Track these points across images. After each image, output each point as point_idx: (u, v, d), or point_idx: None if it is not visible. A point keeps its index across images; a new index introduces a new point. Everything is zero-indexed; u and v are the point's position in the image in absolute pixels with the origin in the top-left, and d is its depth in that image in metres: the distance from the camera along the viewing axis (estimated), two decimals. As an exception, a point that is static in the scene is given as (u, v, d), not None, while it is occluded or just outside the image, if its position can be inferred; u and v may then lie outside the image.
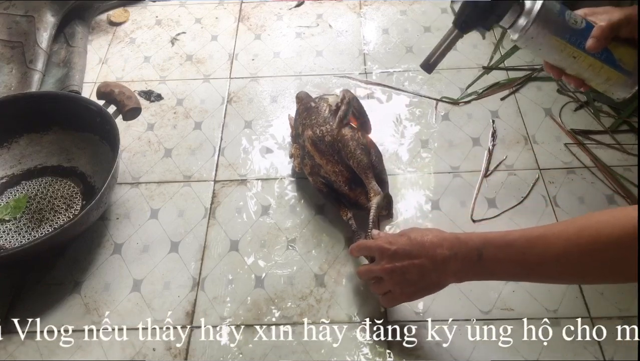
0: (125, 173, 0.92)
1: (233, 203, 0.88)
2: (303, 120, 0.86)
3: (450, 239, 0.61)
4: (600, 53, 0.60)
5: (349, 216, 0.80)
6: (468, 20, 0.62)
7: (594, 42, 0.58)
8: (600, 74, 0.61)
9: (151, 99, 1.04)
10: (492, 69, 1.04)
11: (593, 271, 0.54)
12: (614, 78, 0.61)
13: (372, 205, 0.76)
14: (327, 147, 0.81)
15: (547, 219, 0.82)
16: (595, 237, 0.52)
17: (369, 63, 1.08)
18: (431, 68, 0.67)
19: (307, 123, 0.84)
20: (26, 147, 0.91)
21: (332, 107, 0.85)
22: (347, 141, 0.80)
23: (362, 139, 0.82)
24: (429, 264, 0.61)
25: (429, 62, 0.67)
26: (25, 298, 0.78)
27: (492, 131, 0.94)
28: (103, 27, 1.20)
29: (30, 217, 0.86)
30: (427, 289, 0.64)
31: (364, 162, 0.78)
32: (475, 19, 0.62)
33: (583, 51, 0.60)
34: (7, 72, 1.02)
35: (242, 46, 1.13)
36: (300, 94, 0.91)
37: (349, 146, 0.79)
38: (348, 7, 1.21)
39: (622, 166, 0.87)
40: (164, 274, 0.80)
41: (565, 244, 0.54)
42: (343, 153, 0.80)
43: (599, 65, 0.61)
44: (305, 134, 0.83)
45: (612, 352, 0.69)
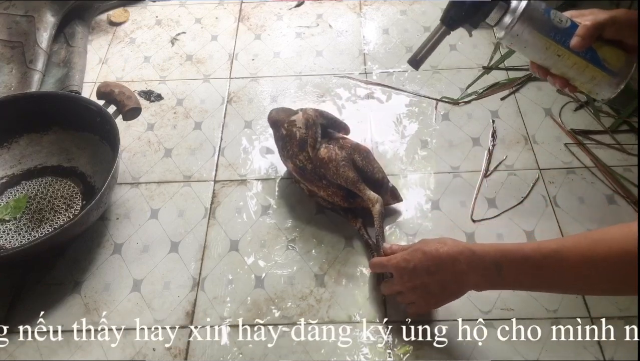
0: (125, 173, 0.92)
1: (233, 203, 0.88)
2: (282, 150, 0.84)
3: (466, 253, 0.62)
4: (585, 52, 0.61)
5: (358, 226, 0.81)
6: (455, 18, 0.64)
7: (578, 41, 0.59)
8: (584, 73, 0.62)
9: (151, 99, 1.04)
10: (492, 69, 1.04)
11: (607, 284, 0.55)
12: (599, 77, 0.62)
13: (375, 216, 0.76)
14: (311, 175, 0.80)
15: (547, 219, 0.82)
16: (607, 251, 0.53)
17: (369, 63, 1.08)
18: (418, 64, 0.68)
19: (286, 155, 0.82)
20: (26, 147, 0.91)
21: (301, 130, 0.80)
22: (326, 164, 0.78)
23: (341, 153, 0.79)
24: (449, 276, 0.63)
25: (416, 58, 0.67)
26: (25, 298, 0.78)
27: (492, 131, 0.94)
28: (103, 27, 1.20)
29: (30, 217, 0.86)
30: (449, 297, 0.67)
31: (350, 177, 0.77)
32: (462, 17, 0.63)
33: (568, 49, 0.61)
34: (7, 72, 1.02)
35: (242, 46, 1.13)
36: (271, 115, 0.87)
37: (330, 170, 0.78)
38: (348, 7, 1.21)
39: (622, 166, 0.87)
40: (164, 274, 0.80)
41: (578, 258, 0.55)
42: (328, 176, 0.79)
43: (584, 64, 0.61)
44: (289, 166, 0.83)
45: (612, 352, 0.69)
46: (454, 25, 0.64)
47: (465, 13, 0.63)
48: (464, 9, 0.63)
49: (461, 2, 0.63)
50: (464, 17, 0.63)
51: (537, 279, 0.59)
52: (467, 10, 0.63)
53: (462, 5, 0.63)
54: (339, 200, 0.81)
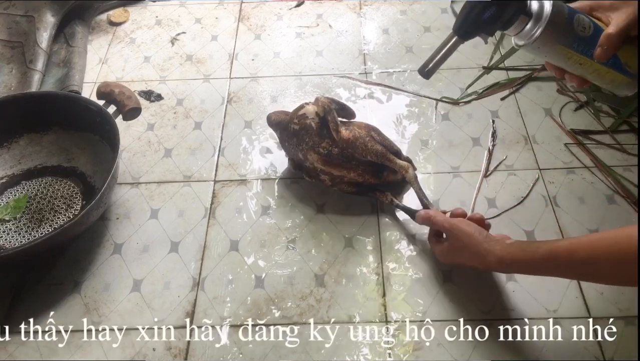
0: (125, 173, 0.92)
1: (233, 203, 0.88)
2: (297, 146, 0.83)
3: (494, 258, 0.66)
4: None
5: (389, 199, 0.83)
6: (470, 27, 0.59)
7: (602, 52, 0.57)
8: (605, 77, 0.61)
9: (151, 99, 1.04)
10: (492, 69, 1.04)
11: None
12: (619, 80, 0.61)
13: (411, 180, 0.79)
14: (338, 158, 0.81)
15: (547, 219, 0.82)
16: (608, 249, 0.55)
17: (369, 63, 1.08)
18: (429, 74, 0.64)
19: (305, 148, 0.82)
20: (26, 147, 0.91)
21: (315, 120, 0.81)
22: (353, 143, 0.80)
23: (360, 131, 0.82)
24: (479, 237, 0.68)
25: (426, 68, 0.64)
26: (25, 298, 0.78)
27: (492, 131, 0.94)
28: (103, 27, 1.20)
29: (30, 217, 0.86)
30: (473, 257, 0.68)
31: (380, 150, 0.80)
32: (477, 26, 0.58)
33: (590, 58, 0.59)
34: (7, 72, 1.02)
35: (242, 46, 1.13)
36: (271, 119, 0.87)
37: (358, 147, 0.80)
38: (348, 7, 1.21)
39: (622, 166, 0.87)
40: (164, 274, 0.80)
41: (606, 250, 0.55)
42: (357, 155, 0.80)
43: (605, 70, 0.60)
44: (310, 158, 0.82)
45: (612, 352, 0.69)
46: (468, 36, 0.59)
47: (481, 24, 0.57)
48: (480, 20, 0.57)
49: (477, 13, 0.57)
50: (479, 26, 0.58)
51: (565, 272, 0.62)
52: (484, 21, 0.57)
53: (478, 15, 0.57)
54: (369, 177, 0.82)
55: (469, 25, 0.58)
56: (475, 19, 0.57)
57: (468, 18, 0.58)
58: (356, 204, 0.86)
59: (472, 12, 0.57)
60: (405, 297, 0.75)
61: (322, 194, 0.88)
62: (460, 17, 0.59)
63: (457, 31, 0.60)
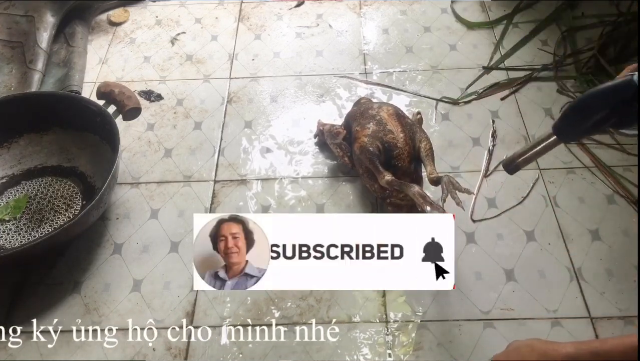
0: (125, 173, 0.92)
1: (233, 203, 0.88)
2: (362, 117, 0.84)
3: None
4: None
5: (387, 179, 0.77)
6: (576, 133, 0.52)
7: None
8: None
9: (151, 99, 1.04)
10: (492, 69, 1.04)
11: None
12: None
13: (443, 180, 0.74)
14: (405, 124, 0.82)
15: (547, 219, 0.82)
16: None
17: (369, 63, 1.08)
18: (514, 170, 0.59)
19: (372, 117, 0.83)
20: (26, 147, 0.91)
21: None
22: (418, 129, 0.82)
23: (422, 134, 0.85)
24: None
25: (513, 162, 0.59)
26: (25, 298, 0.78)
27: (492, 131, 0.94)
28: (103, 27, 1.20)
29: (30, 217, 0.86)
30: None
31: (429, 148, 0.80)
32: (587, 131, 0.51)
33: None
34: (7, 72, 1.02)
35: (242, 46, 1.13)
36: (363, 99, 0.93)
37: (418, 132, 0.81)
38: (348, 7, 1.21)
39: (622, 166, 0.87)
40: (164, 274, 0.80)
41: None
42: (417, 137, 0.81)
43: None
44: (383, 111, 0.83)
45: (612, 352, 0.69)
46: (572, 139, 0.54)
47: (593, 127, 0.50)
48: (592, 124, 0.50)
49: (589, 110, 0.50)
50: (590, 128, 0.51)
51: None
52: (595, 124, 0.50)
53: (590, 114, 0.49)
54: (406, 152, 0.81)
55: (577, 127, 0.52)
56: (585, 116, 0.51)
57: (577, 114, 0.51)
58: (356, 204, 0.86)
59: (584, 108, 0.50)
60: (405, 297, 0.75)
61: (322, 194, 0.88)
62: (564, 113, 0.52)
63: (560, 133, 0.53)
